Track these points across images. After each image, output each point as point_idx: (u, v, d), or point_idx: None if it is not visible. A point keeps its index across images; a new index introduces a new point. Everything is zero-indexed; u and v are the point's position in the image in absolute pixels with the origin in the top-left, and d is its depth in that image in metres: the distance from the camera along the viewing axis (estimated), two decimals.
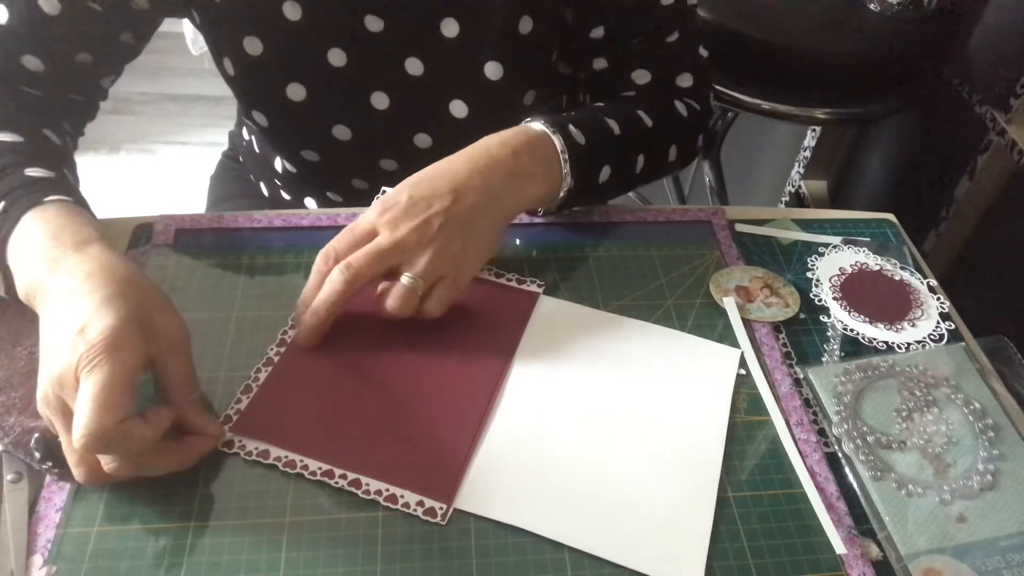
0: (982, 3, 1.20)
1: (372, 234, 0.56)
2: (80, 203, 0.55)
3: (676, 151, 0.74)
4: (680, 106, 0.74)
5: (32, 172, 0.55)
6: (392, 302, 0.55)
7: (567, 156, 0.63)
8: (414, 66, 0.69)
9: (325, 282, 0.55)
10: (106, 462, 0.45)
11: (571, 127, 0.64)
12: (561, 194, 0.64)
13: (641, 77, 0.73)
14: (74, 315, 0.46)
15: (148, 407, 0.46)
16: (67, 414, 0.45)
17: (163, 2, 0.66)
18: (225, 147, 0.98)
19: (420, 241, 0.55)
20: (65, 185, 0.56)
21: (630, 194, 1.61)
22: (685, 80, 0.74)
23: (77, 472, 0.46)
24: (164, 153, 2.10)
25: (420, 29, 0.67)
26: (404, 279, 0.55)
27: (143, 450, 0.45)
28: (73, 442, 0.43)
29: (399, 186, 0.58)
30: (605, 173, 0.67)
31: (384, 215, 0.56)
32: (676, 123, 0.73)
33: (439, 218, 0.56)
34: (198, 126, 2.17)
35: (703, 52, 0.75)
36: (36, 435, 0.48)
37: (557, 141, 0.63)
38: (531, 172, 0.61)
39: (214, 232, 0.66)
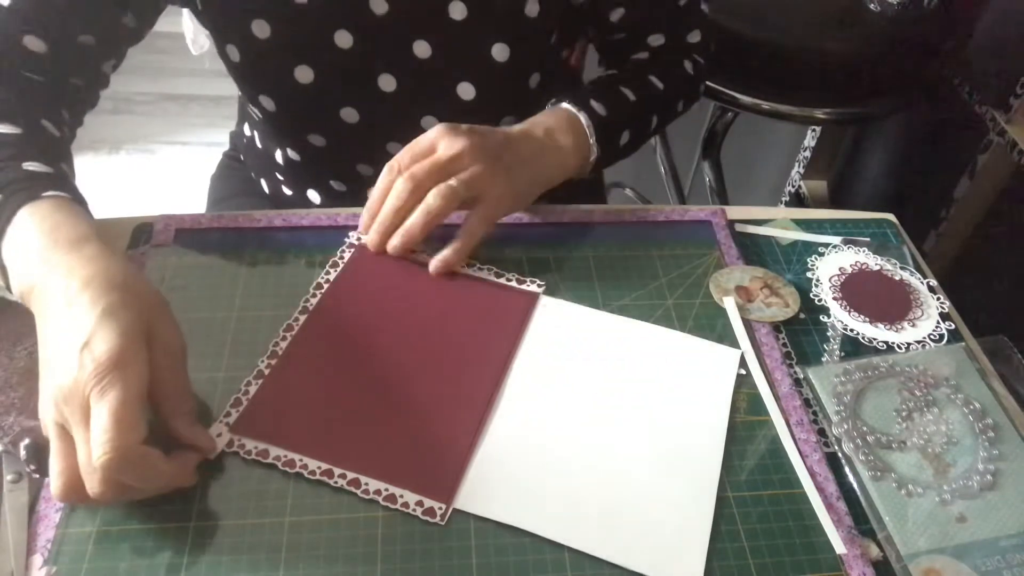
0: (982, 3, 1.20)
1: (432, 149, 0.61)
2: (77, 200, 0.55)
3: (683, 103, 0.82)
4: (688, 64, 0.80)
5: (30, 166, 0.55)
6: (432, 197, 0.60)
7: (592, 130, 0.69)
8: (421, 48, 0.70)
9: (391, 192, 0.61)
10: (91, 485, 0.43)
11: (592, 101, 0.70)
12: (591, 161, 0.71)
13: (655, 40, 0.79)
14: (75, 326, 0.45)
15: None
16: (65, 432, 0.44)
17: None
18: (225, 147, 0.98)
19: (475, 156, 0.61)
20: (63, 181, 0.55)
21: (630, 194, 1.62)
22: (695, 36, 0.80)
23: (56, 488, 0.44)
24: (164, 153, 2.10)
25: (427, 11, 0.68)
26: (452, 180, 0.60)
27: (151, 472, 0.45)
28: (94, 460, 0.42)
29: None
30: (625, 137, 0.74)
31: (446, 134, 0.61)
32: (683, 81, 0.80)
33: (493, 143, 0.63)
34: (198, 126, 2.17)
35: (704, 6, 0.83)
36: (27, 440, 0.47)
37: (583, 117, 0.69)
38: (564, 146, 0.68)
39: (214, 232, 0.66)
